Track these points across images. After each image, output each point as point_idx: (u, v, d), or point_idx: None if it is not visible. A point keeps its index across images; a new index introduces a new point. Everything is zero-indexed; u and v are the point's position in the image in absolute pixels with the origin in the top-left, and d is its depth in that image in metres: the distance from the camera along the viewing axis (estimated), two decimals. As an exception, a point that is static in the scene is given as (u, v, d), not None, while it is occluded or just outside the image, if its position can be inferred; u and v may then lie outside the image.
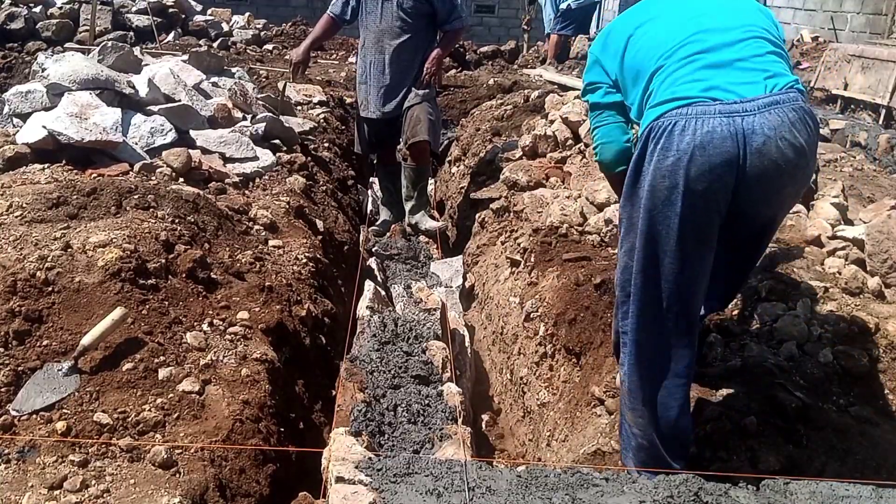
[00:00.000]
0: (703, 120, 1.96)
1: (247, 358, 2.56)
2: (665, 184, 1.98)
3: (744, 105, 1.97)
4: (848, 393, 2.43)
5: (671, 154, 1.97)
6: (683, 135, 1.96)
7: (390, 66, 4.93)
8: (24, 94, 4.08)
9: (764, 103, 1.98)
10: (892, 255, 2.89)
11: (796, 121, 2.00)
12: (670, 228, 2.00)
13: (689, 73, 2.06)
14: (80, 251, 2.65)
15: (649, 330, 2.10)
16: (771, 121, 1.97)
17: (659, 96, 2.06)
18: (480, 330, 4.06)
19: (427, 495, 1.88)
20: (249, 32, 10.52)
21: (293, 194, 4.11)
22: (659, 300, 2.07)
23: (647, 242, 2.05)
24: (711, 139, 1.94)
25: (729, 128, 1.95)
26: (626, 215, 2.13)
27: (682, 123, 1.97)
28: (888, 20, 10.04)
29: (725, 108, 1.97)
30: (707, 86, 2.01)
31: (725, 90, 2.00)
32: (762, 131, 1.95)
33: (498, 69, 9.85)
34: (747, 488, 1.96)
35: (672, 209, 1.98)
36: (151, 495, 1.93)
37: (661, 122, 2.01)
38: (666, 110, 2.01)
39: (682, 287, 2.06)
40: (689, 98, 2.00)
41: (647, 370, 2.13)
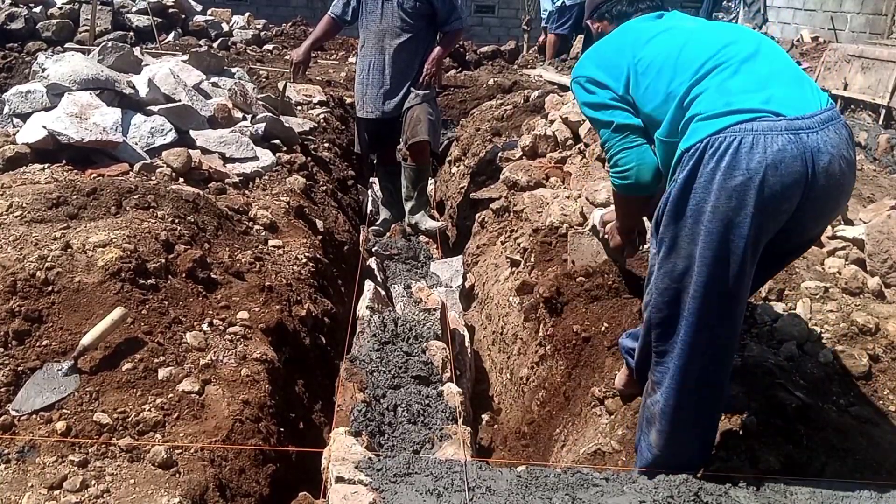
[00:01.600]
0: (772, 137, 1.84)
1: (247, 358, 2.56)
2: (731, 205, 1.84)
3: (806, 121, 1.87)
4: (848, 393, 2.43)
5: (739, 173, 1.83)
6: (753, 153, 1.83)
7: (390, 66, 4.93)
8: (25, 95, 4.08)
9: (822, 119, 1.89)
10: (892, 255, 2.89)
11: (848, 137, 1.95)
12: (733, 252, 1.87)
13: (742, 82, 1.94)
14: (79, 251, 2.65)
15: (698, 353, 1.99)
16: (832, 138, 1.88)
17: (710, 108, 1.93)
18: (480, 330, 4.06)
19: (427, 495, 1.88)
20: (249, 32, 10.52)
21: (293, 194, 4.11)
22: (713, 325, 1.97)
23: (707, 266, 1.90)
24: (783, 158, 1.82)
25: (797, 146, 1.84)
26: (670, 235, 1.98)
27: (749, 140, 1.84)
28: (888, 20, 10.04)
29: (791, 125, 1.86)
30: (766, 97, 1.91)
31: (785, 104, 1.90)
32: (827, 149, 1.86)
33: (498, 69, 9.85)
34: (747, 488, 1.96)
35: (737, 231, 1.85)
36: (151, 495, 1.93)
37: (722, 138, 1.86)
38: (727, 125, 1.87)
39: (736, 309, 1.98)
40: (750, 111, 1.88)
41: (693, 393, 2.04)
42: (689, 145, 1.92)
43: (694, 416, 2.07)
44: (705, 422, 2.11)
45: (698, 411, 2.08)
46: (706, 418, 2.11)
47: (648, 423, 2.14)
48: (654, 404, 2.10)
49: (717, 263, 1.89)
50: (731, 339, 2.03)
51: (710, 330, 1.97)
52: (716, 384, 2.05)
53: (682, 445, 2.10)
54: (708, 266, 1.90)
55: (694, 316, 1.96)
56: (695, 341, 1.98)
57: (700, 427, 2.11)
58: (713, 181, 1.85)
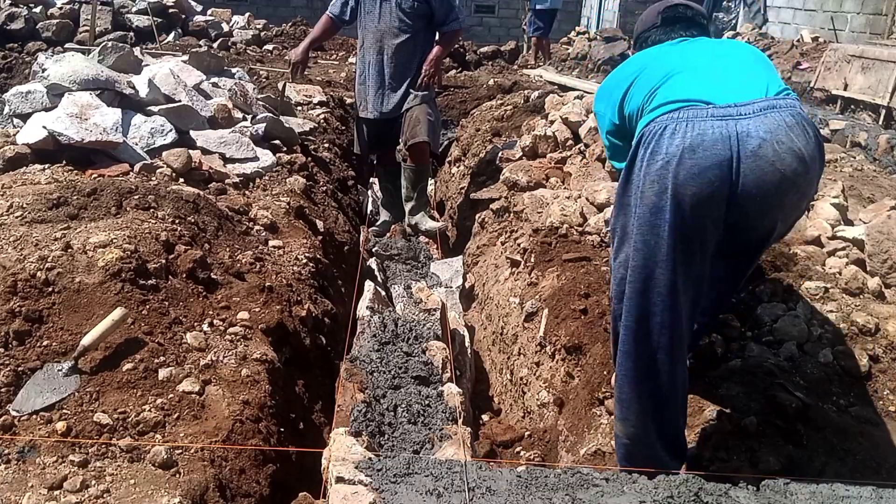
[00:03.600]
0: (694, 123, 1.90)
1: (247, 358, 2.56)
2: (654, 189, 1.90)
3: (739, 108, 1.91)
4: (848, 393, 2.43)
5: (659, 157, 1.90)
6: (673, 137, 1.90)
7: (389, 66, 4.93)
8: (25, 95, 4.08)
9: (760, 107, 1.92)
10: (892, 255, 2.89)
11: (794, 125, 1.94)
12: (660, 237, 1.92)
13: (684, 80, 2.03)
14: (80, 251, 2.65)
15: (642, 342, 2.03)
16: (766, 124, 1.90)
17: (651, 105, 2.04)
18: (480, 330, 4.06)
19: (427, 495, 1.88)
20: (249, 33, 10.53)
21: (293, 195, 4.11)
22: (651, 312, 1.99)
23: (639, 252, 1.97)
24: (702, 141, 1.87)
25: (721, 130, 1.88)
26: (620, 225, 2.06)
27: (672, 126, 1.91)
28: (888, 20, 10.04)
29: (719, 112, 1.91)
30: (701, 90, 1.97)
31: (718, 94, 1.95)
32: (757, 134, 1.89)
33: (498, 69, 9.86)
34: (747, 488, 1.96)
35: (661, 216, 1.90)
36: (151, 495, 1.93)
37: (652, 127, 1.96)
38: (657, 115, 1.97)
39: (674, 299, 1.98)
40: (680, 101, 1.95)
41: (639, 384, 2.07)
42: (635, 137, 2.04)
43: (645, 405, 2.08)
44: (661, 414, 2.11)
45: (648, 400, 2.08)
46: (662, 410, 2.10)
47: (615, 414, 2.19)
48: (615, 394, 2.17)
49: (647, 249, 1.95)
50: (673, 329, 2.01)
51: (649, 317, 1.99)
52: (664, 374, 2.04)
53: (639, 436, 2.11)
54: (640, 251, 1.96)
55: (632, 301, 2.01)
56: (636, 327, 2.02)
57: (651, 418, 2.10)
58: (641, 168, 1.95)
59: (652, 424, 2.11)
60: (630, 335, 2.04)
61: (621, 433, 2.16)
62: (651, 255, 1.94)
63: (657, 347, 2.03)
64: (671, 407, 2.12)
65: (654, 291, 1.97)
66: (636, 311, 2.01)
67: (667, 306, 1.99)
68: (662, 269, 1.94)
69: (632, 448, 2.14)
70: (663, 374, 2.06)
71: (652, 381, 2.07)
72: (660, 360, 2.04)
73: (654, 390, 2.08)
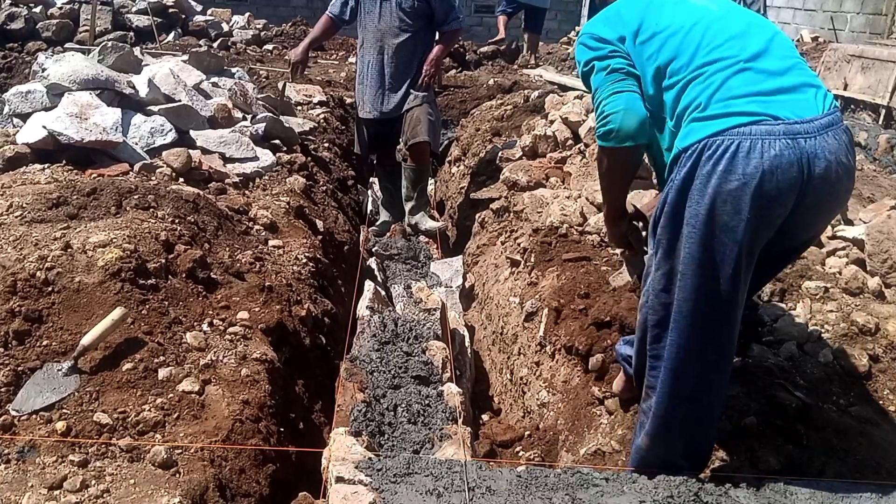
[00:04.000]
0: (770, 142, 1.82)
1: (247, 358, 2.56)
2: (727, 209, 1.83)
3: (804, 126, 1.85)
4: (848, 393, 2.43)
5: (735, 178, 1.81)
6: (749, 158, 1.81)
7: (389, 66, 4.93)
8: (25, 95, 4.08)
9: (822, 125, 1.87)
10: (892, 255, 2.89)
11: (848, 143, 1.92)
12: (727, 256, 1.85)
13: (742, 84, 1.91)
14: (80, 251, 2.65)
15: (692, 359, 1.97)
16: (830, 144, 1.86)
17: (709, 109, 1.90)
18: (480, 330, 4.06)
19: (427, 495, 1.88)
20: (249, 32, 10.52)
21: (293, 194, 4.11)
22: (706, 328, 1.94)
23: (699, 269, 1.88)
24: (780, 164, 1.80)
25: (794, 151, 1.82)
26: (667, 237, 1.95)
27: (746, 144, 1.82)
28: (888, 20, 10.04)
29: (789, 129, 1.84)
30: (766, 100, 1.88)
31: (784, 107, 1.87)
32: (824, 156, 1.84)
33: (498, 69, 9.85)
34: (747, 488, 1.96)
35: (732, 236, 1.84)
36: (151, 495, 1.93)
37: (720, 141, 1.84)
38: (725, 127, 1.85)
39: (731, 314, 1.94)
40: (749, 114, 1.86)
41: (684, 399, 2.02)
42: (687, 146, 1.90)
43: (686, 422, 2.04)
44: (697, 431, 2.07)
45: (689, 419, 2.04)
46: (698, 427, 2.07)
47: (641, 426, 2.13)
48: (648, 408, 2.09)
49: (710, 267, 1.88)
50: (726, 346, 1.98)
51: (703, 334, 1.94)
52: (711, 392, 2.01)
53: (670, 452, 2.07)
54: (702, 268, 1.88)
55: (686, 320, 1.93)
56: (688, 344, 1.95)
57: (690, 435, 2.07)
58: (709, 184, 1.84)
59: (681, 440, 2.07)
60: (677, 350, 1.97)
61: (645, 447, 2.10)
62: (715, 273, 1.88)
63: (707, 362, 1.98)
64: (711, 424, 2.08)
65: (717, 308, 1.92)
66: (689, 327, 1.94)
67: (723, 320, 1.94)
68: (726, 286, 1.89)
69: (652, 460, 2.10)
70: (709, 388, 2.01)
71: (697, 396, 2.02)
72: (707, 374, 1.99)
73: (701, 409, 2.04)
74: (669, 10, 2.07)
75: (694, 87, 1.94)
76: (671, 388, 2.01)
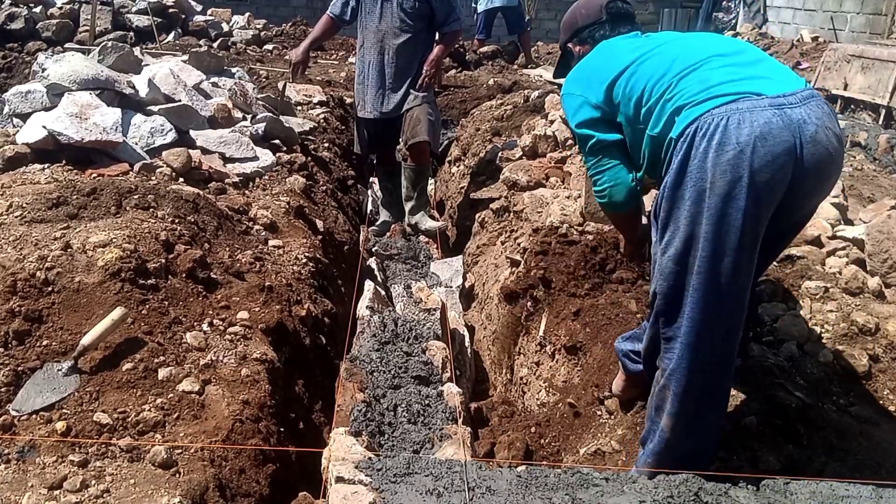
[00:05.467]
0: (757, 112, 1.93)
1: (247, 358, 2.56)
2: (727, 178, 1.91)
3: (787, 98, 1.97)
4: (848, 393, 2.43)
5: (730, 148, 1.91)
6: (741, 128, 1.91)
7: (389, 66, 4.94)
8: (25, 95, 4.08)
9: (803, 96, 1.99)
10: (892, 255, 2.89)
11: (830, 112, 2.04)
12: (732, 225, 1.92)
13: (721, 74, 2.04)
14: (80, 251, 2.65)
15: (707, 332, 2.02)
16: (815, 111, 1.98)
17: (693, 97, 2.02)
18: (480, 330, 4.06)
19: (427, 495, 1.88)
20: (249, 32, 10.51)
21: (293, 194, 4.11)
22: (718, 302, 2.00)
23: (709, 241, 1.95)
24: (770, 129, 1.91)
25: (782, 118, 1.93)
26: (671, 221, 2.03)
27: (736, 117, 1.93)
28: (888, 20, 10.04)
29: (773, 101, 1.95)
30: (746, 83, 2.00)
31: (764, 85, 2.00)
32: (811, 120, 1.95)
33: (498, 69, 9.85)
34: (747, 488, 1.96)
35: (734, 204, 1.91)
36: (151, 495, 1.93)
37: (710, 119, 1.95)
38: (711, 107, 1.96)
39: (741, 285, 2.00)
40: (732, 94, 1.97)
41: (702, 373, 2.06)
42: (679, 131, 2.00)
43: (705, 396, 2.09)
44: (717, 402, 2.12)
45: (710, 391, 2.09)
46: (717, 398, 2.12)
47: (658, 411, 2.15)
48: (665, 389, 2.12)
49: (719, 238, 1.94)
50: (738, 316, 2.05)
51: (716, 307, 2.00)
52: (726, 362, 2.08)
53: (695, 428, 2.11)
54: (711, 241, 1.95)
55: (699, 292, 1.99)
56: (703, 318, 2.01)
57: (712, 408, 2.12)
58: (707, 159, 1.93)
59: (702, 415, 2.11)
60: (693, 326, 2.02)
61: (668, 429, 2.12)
62: (724, 243, 1.95)
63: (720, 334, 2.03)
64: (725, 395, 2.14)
65: (722, 278, 1.98)
66: (703, 301, 2.00)
67: (732, 293, 2.00)
68: (732, 257, 1.95)
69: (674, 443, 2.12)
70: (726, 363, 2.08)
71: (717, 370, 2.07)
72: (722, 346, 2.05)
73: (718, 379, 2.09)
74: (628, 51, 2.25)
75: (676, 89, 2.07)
76: (690, 363, 2.05)
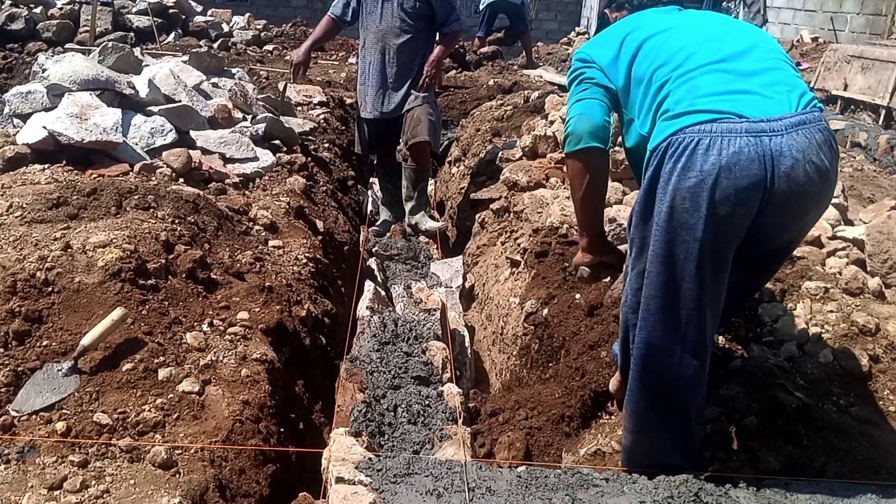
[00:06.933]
0: (729, 139, 1.82)
1: (247, 358, 2.56)
2: (686, 206, 1.83)
3: (771, 124, 1.84)
4: (848, 393, 2.43)
5: (693, 175, 1.82)
6: (708, 154, 1.81)
7: (390, 66, 4.94)
8: (25, 95, 4.08)
9: (791, 123, 1.86)
10: (892, 255, 2.89)
11: (822, 142, 1.89)
12: (689, 253, 1.86)
13: (710, 84, 1.92)
14: (80, 251, 2.65)
15: (661, 355, 1.97)
16: (799, 142, 1.84)
17: (676, 107, 1.93)
18: (480, 330, 4.06)
19: (427, 495, 1.88)
20: (249, 33, 10.53)
21: (293, 195, 4.11)
22: (673, 327, 1.94)
23: (664, 266, 1.90)
24: (738, 160, 1.80)
25: (756, 149, 1.81)
26: (639, 236, 1.99)
27: (706, 142, 1.82)
28: (888, 21, 10.04)
29: (752, 127, 1.83)
30: (731, 99, 1.89)
31: (751, 106, 1.87)
32: (790, 154, 1.83)
33: (498, 70, 9.85)
34: (747, 488, 1.96)
35: (692, 233, 1.84)
36: (151, 496, 1.93)
37: (681, 139, 1.86)
38: (686, 124, 1.87)
39: (699, 313, 1.92)
40: (712, 112, 1.86)
41: (656, 396, 2.03)
42: (654, 146, 1.93)
43: (661, 419, 2.05)
44: (676, 427, 2.07)
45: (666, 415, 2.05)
46: (677, 423, 2.07)
47: (626, 427, 2.15)
48: (625, 407, 2.11)
49: (673, 265, 1.89)
50: (697, 344, 1.97)
51: (670, 332, 1.94)
52: (686, 386, 2.01)
53: (651, 448, 2.08)
54: (665, 266, 1.90)
55: (654, 316, 1.95)
56: (657, 342, 1.96)
57: (666, 429, 2.07)
58: (670, 182, 1.86)
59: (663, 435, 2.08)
60: (646, 348, 1.98)
61: (632, 445, 2.12)
62: (679, 270, 1.88)
63: (675, 361, 1.97)
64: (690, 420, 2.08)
65: (681, 306, 1.92)
66: (656, 324, 1.95)
67: (689, 320, 1.93)
68: (689, 284, 1.89)
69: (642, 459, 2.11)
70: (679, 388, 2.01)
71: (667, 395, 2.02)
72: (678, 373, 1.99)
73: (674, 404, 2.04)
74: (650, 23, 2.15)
75: (667, 89, 1.98)
76: (641, 384, 2.03)
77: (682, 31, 2.09)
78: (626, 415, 2.11)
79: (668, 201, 1.86)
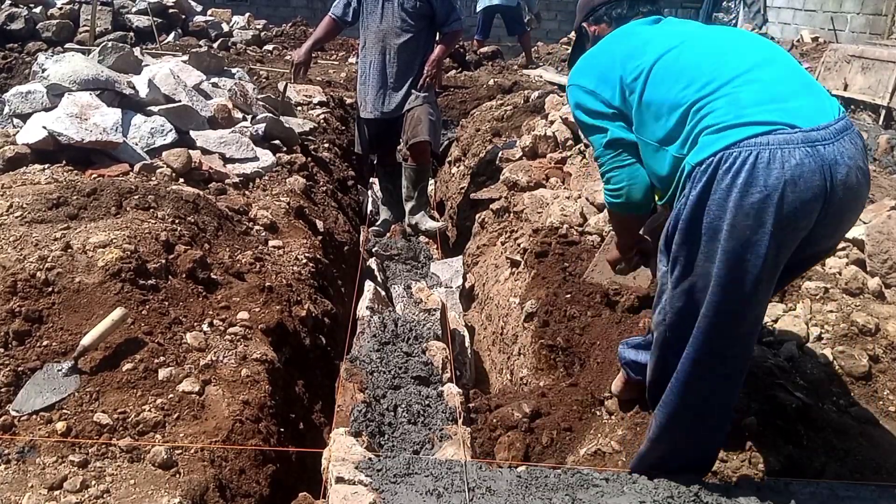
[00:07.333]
0: (789, 150, 1.75)
1: (247, 358, 2.56)
2: (748, 223, 1.75)
3: (821, 133, 1.79)
4: (848, 393, 2.43)
5: (756, 190, 1.74)
6: (770, 168, 1.73)
7: (390, 66, 4.94)
8: (25, 95, 4.08)
9: (837, 129, 1.82)
10: (892, 255, 2.89)
11: (862, 147, 1.88)
12: (749, 273, 1.79)
13: (751, 94, 1.85)
14: (80, 251, 2.65)
15: (705, 373, 1.94)
16: (848, 149, 1.81)
17: (721, 120, 1.83)
18: (480, 330, 4.06)
19: (427, 495, 1.88)
20: (249, 33, 10.52)
21: (293, 195, 4.11)
22: (723, 346, 1.90)
23: (722, 285, 1.82)
24: (801, 173, 1.74)
25: (815, 159, 1.75)
26: (685, 254, 1.89)
27: (765, 155, 1.74)
28: (888, 21, 10.05)
29: (807, 137, 1.77)
30: (779, 108, 1.82)
31: (799, 115, 1.81)
32: (844, 161, 1.79)
33: (498, 70, 9.85)
34: (747, 488, 1.96)
35: (754, 251, 1.77)
36: (151, 495, 1.93)
37: (736, 153, 1.77)
38: (740, 137, 1.78)
39: (751, 330, 1.91)
40: (765, 123, 1.78)
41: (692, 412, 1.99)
42: (701, 160, 1.83)
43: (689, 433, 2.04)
44: (703, 441, 2.07)
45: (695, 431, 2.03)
46: (705, 438, 2.06)
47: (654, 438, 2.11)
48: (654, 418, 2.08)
49: (732, 283, 1.81)
50: (741, 362, 1.96)
51: (720, 351, 1.91)
52: (721, 405, 2.00)
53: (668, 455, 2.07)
54: (723, 285, 1.82)
55: (705, 335, 1.89)
56: (704, 360, 1.92)
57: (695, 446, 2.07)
58: (729, 198, 1.77)
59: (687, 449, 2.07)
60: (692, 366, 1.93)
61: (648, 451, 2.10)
62: (739, 291, 1.82)
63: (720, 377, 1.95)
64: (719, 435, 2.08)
65: (737, 324, 1.88)
66: (707, 342, 1.90)
67: (741, 337, 1.90)
68: (750, 304, 1.85)
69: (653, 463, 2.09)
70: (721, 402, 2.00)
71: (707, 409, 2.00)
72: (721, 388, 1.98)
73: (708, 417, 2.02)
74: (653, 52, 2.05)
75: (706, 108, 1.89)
76: (681, 400, 1.98)
77: (690, 47, 2.02)
78: (655, 425, 2.06)
79: (729, 218, 1.78)
